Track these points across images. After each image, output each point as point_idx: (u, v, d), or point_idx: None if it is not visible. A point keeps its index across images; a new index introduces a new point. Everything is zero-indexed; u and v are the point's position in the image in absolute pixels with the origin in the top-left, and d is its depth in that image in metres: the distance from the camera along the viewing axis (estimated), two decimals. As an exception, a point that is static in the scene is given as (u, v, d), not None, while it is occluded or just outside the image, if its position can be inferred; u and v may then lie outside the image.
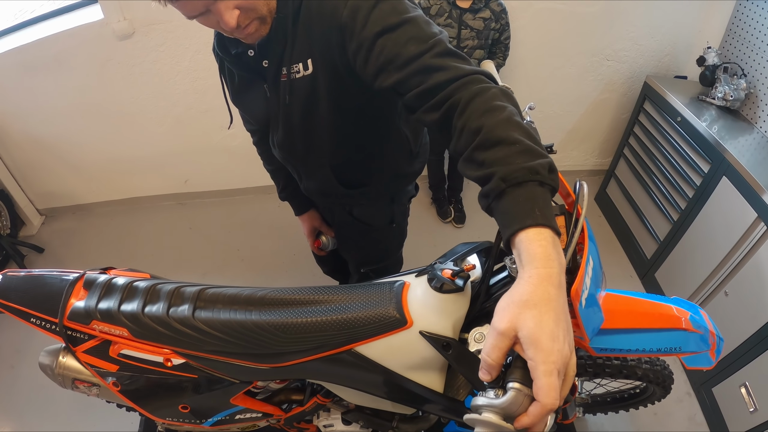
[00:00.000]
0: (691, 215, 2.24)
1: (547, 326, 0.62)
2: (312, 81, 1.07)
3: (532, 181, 0.71)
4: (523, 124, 0.77)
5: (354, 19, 0.89)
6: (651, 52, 2.82)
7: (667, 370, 1.45)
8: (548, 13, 2.59)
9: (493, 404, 0.64)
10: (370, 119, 1.21)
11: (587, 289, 0.85)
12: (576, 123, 3.14)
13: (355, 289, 1.01)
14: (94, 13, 2.41)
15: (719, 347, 1.17)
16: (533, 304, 0.64)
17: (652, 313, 1.12)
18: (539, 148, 0.75)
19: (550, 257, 0.66)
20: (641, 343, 1.09)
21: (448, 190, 3.11)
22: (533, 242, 0.68)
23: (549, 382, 0.60)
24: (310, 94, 1.09)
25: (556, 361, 0.61)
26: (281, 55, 1.06)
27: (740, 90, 2.28)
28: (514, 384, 0.64)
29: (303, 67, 1.05)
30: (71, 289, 1.11)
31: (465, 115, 0.79)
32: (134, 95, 2.66)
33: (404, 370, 0.97)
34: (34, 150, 2.84)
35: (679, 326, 1.10)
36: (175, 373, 1.09)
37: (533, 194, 0.71)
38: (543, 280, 0.65)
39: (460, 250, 1.07)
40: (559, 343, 0.62)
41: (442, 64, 0.84)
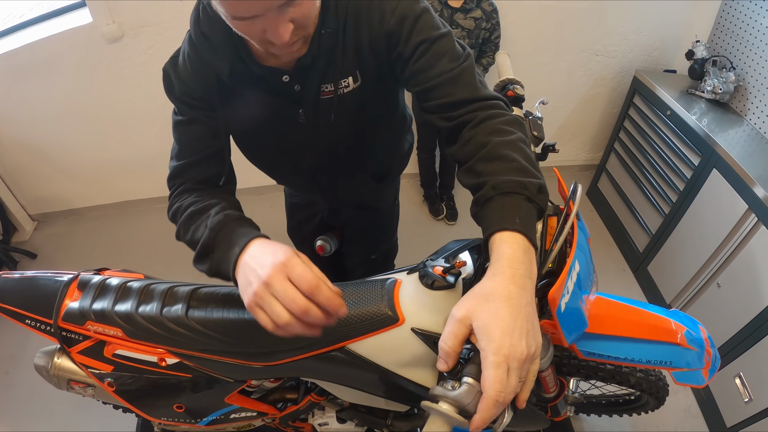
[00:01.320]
0: (682, 208, 2.26)
1: (502, 320, 0.64)
2: (361, 92, 1.07)
3: (520, 194, 0.76)
4: (526, 149, 0.83)
5: (401, 27, 0.93)
6: (640, 47, 2.84)
7: (662, 381, 1.44)
8: (538, 9, 2.61)
9: (448, 395, 0.66)
10: (395, 114, 1.26)
11: (568, 294, 0.85)
12: (567, 118, 3.16)
13: (346, 287, 1.01)
14: (83, 16, 2.40)
15: (714, 366, 1.16)
16: (492, 298, 0.67)
17: (647, 324, 1.11)
18: (534, 170, 0.80)
19: (517, 259, 0.70)
20: (630, 352, 1.09)
21: (439, 188, 3.12)
22: (504, 243, 0.72)
23: (495, 374, 0.62)
24: (360, 106, 1.10)
25: (507, 354, 0.62)
26: (324, 72, 1.01)
27: (729, 83, 2.29)
28: (468, 378, 0.66)
29: (353, 80, 1.05)
30: (65, 290, 1.11)
31: (476, 130, 0.87)
32: (124, 98, 2.65)
33: (397, 367, 0.97)
34: (25, 155, 2.82)
35: (673, 341, 1.10)
36: (169, 372, 1.09)
37: (518, 205, 0.76)
38: (506, 278, 0.68)
39: (451, 247, 1.07)
40: (512, 338, 0.64)
41: (470, 83, 0.92)
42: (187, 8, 2.28)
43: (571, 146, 3.37)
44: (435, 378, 0.99)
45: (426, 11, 0.95)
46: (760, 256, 1.82)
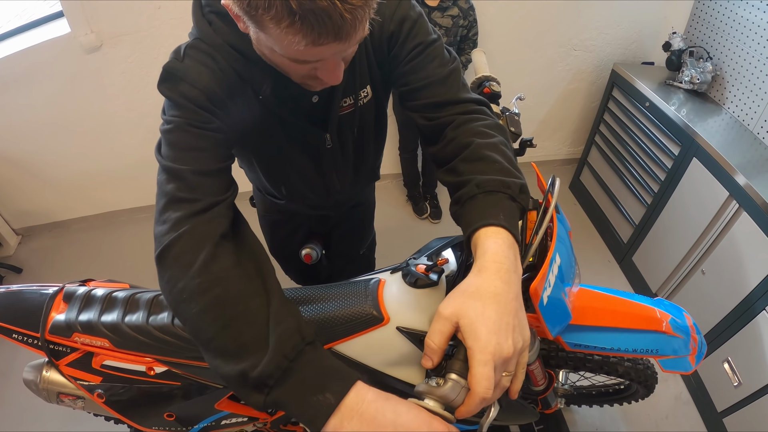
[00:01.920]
0: (664, 198, 2.29)
1: (488, 318, 0.65)
2: (374, 101, 1.09)
3: (503, 193, 0.78)
4: (508, 152, 0.86)
5: (401, 28, 0.94)
6: (617, 40, 2.87)
7: (650, 369, 1.45)
8: (514, 5, 2.63)
9: (433, 392, 0.67)
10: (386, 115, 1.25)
11: (550, 287, 0.86)
12: (547, 113, 3.18)
13: (330, 289, 1.01)
14: (61, 27, 2.38)
15: (701, 352, 1.18)
16: (478, 295, 0.67)
17: (631, 314, 1.12)
18: (516, 171, 0.83)
19: (502, 253, 0.71)
20: (616, 342, 1.10)
21: (422, 187, 3.13)
22: (489, 238, 0.73)
23: (482, 372, 0.63)
24: (375, 115, 1.12)
25: (493, 352, 0.64)
26: (344, 85, 0.99)
27: (706, 73, 2.32)
28: (452, 375, 0.67)
29: (371, 88, 1.06)
30: (51, 303, 1.11)
31: (459, 130, 0.89)
32: (105, 108, 2.64)
33: (384, 367, 0.98)
34: (7, 168, 2.79)
35: (658, 329, 1.12)
36: (158, 381, 1.09)
37: (502, 203, 0.78)
38: (491, 274, 0.69)
39: (434, 245, 1.08)
40: (498, 337, 0.65)
41: (455, 86, 0.95)
42: (163, 16, 2.30)
43: (553, 141, 3.39)
44: (422, 376, 1.00)
45: (421, 16, 0.96)
46: (742, 242, 1.85)
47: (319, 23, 0.63)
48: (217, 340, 0.71)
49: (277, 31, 0.66)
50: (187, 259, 0.75)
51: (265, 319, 0.72)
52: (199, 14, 0.88)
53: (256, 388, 0.68)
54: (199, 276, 0.73)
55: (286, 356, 0.69)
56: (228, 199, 0.84)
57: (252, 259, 0.81)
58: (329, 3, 0.62)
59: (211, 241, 0.76)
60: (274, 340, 0.70)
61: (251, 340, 0.70)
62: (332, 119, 1.04)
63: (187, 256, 0.75)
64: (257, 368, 0.67)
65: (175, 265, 0.76)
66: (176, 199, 0.80)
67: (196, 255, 0.75)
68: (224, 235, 0.79)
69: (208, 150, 0.83)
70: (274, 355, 0.68)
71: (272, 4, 0.62)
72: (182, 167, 0.80)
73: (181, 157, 0.81)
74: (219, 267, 0.75)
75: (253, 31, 0.72)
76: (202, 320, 0.72)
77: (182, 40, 0.93)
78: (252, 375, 0.67)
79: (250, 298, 0.74)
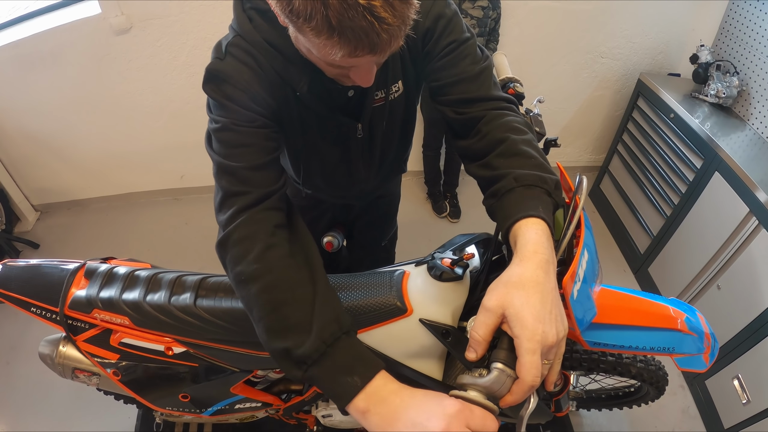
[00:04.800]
0: (683, 210, 2.27)
1: (533, 306, 0.67)
2: (404, 96, 1.12)
3: (541, 187, 0.81)
4: (539, 149, 0.89)
5: (436, 24, 0.96)
6: (645, 50, 2.85)
7: (661, 371, 1.46)
8: (544, 10, 2.61)
9: (477, 383, 0.67)
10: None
11: (580, 281, 0.87)
12: (570, 119, 3.16)
13: (355, 278, 1.02)
14: (92, 7, 2.39)
15: (714, 351, 1.18)
16: (521, 285, 0.69)
17: (648, 312, 1.13)
18: (550, 167, 0.86)
19: (542, 244, 0.73)
20: (634, 340, 1.11)
21: (443, 186, 3.13)
22: (530, 229, 0.75)
23: (531, 360, 0.65)
24: (405, 109, 1.16)
25: (540, 340, 0.65)
26: (378, 79, 0.99)
27: (732, 87, 2.30)
28: (497, 364, 0.68)
29: (402, 83, 1.09)
30: (72, 279, 1.12)
31: (492, 125, 0.91)
32: (131, 90, 2.65)
33: (404, 358, 0.99)
34: (29, 145, 2.82)
35: (674, 327, 1.12)
36: (175, 361, 1.10)
37: (540, 197, 0.80)
38: (533, 264, 0.71)
39: (458, 241, 1.09)
40: (543, 324, 0.67)
41: (487, 83, 0.98)
42: (195, 2, 2.30)
43: (575, 147, 3.37)
44: (441, 369, 1.01)
45: (456, 14, 0.98)
46: (760, 259, 1.83)
47: (356, 39, 0.67)
48: (267, 319, 0.79)
49: (315, 40, 0.69)
50: (245, 246, 0.83)
51: (311, 307, 0.79)
52: (240, 10, 0.91)
53: (297, 365, 0.76)
54: (255, 263, 0.81)
55: (324, 341, 0.75)
56: (280, 189, 0.90)
57: (302, 250, 0.88)
58: (367, 23, 0.64)
59: (266, 232, 0.84)
60: (317, 326, 0.77)
61: (296, 323, 0.78)
62: (366, 111, 1.07)
63: (245, 243, 0.83)
64: (300, 348, 0.75)
65: (234, 251, 0.84)
66: (231, 193, 0.87)
67: (253, 244, 0.82)
68: (278, 226, 0.86)
69: (256, 145, 0.89)
70: (315, 339, 0.75)
71: (313, 16, 0.65)
72: (232, 164, 0.87)
73: (230, 153, 0.88)
74: (273, 256, 0.82)
75: (292, 31, 0.76)
76: (256, 301, 0.80)
77: (211, 27, 0.95)
78: (295, 353, 0.75)
79: (298, 286, 0.81)
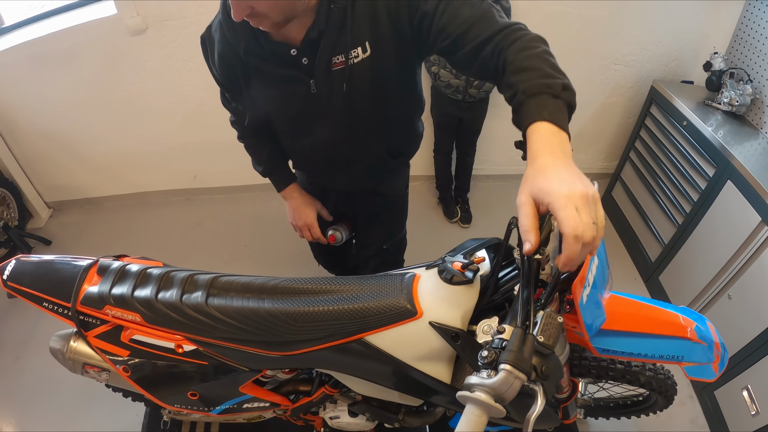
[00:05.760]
0: (695, 219, 2.25)
1: (552, 174, 0.74)
2: (371, 62, 1.14)
3: (546, 93, 0.84)
4: (550, 59, 0.93)
5: None
6: (658, 57, 2.83)
7: (670, 380, 1.45)
8: (557, 16, 2.60)
9: (485, 384, 0.67)
10: (406, 88, 1.31)
11: (589, 287, 0.87)
12: (583, 126, 3.15)
13: (366, 280, 1.02)
14: (108, 8, 2.43)
15: (723, 360, 1.18)
16: (538, 172, 0.75)
17: (658, 319, 1.13)
18: (558, 73, 0.89)
19: (545, 139, 0.79)
20: (644, 347, 1.10)
21: (455, 190, 3.12)
22: (534, 133, 0.81)
23: (564, 215, 0.68)
24: (372, 76, 1.16)
25: (568, 194, 0.70)
26: (334, 44, 1.10)
27: (746, 95, 2.29)
28: (506, 365, 0.68)
29: (362, 50, 1.12)
30: (85, 275, 1.13)
31: (507, 52, 0.95)
32: (145, 90, 2.68)
33: (413, 361, 0.99)
34: (44, 143, 2.85)
35: (683, 335, 1.12)
36: (186, 359, 1.11)
37: (545, 102, 0.84)
38: (542, 154, 0.77)
39: (469, 245, 1.09)
40: (568, 183, 0.72)
41: (492, 19, 1.02)
42: (210, 4, 2.32)
43: (587, 154, 3.36)
44: (450, 372, 1.01)
45: None
46: (772, 269, 1.81)
47: None
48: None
49: None
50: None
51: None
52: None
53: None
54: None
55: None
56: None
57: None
58: None
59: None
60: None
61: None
62: (318, 69, 1.13)
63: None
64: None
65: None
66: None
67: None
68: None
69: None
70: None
71: None
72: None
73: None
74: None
75: None
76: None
77: None
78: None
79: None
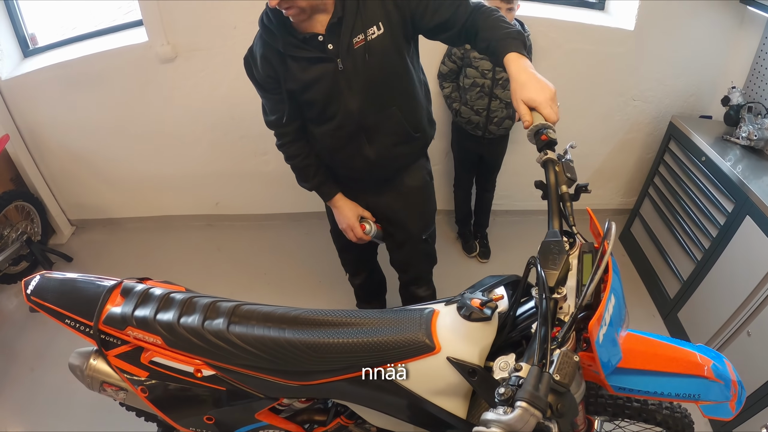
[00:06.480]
0: (714, 255, 2.23)
1: (533, 88, 1.14)
2: (384, 39, 1.41)
3: (508, 38, 1.26)
4: (502, 20, 1.35)
5: None
6: (676, 93, 2.84)
7: (687, 418, 1.41)
8: (577, 53, 2.64)
9: (501, 420, 0.68)
10: (411, 68, 1.55)
11: (606, 325, 0.88)
12: (602, 162, 3.15)
13: (386, 314, 1.04)
14: (139, 35, 2.51)
15: (740, 398, 1.16)
16: (523, 85, 1.15)
17: (674, 358, 1.12)
18: (511, 26, 1.30)
19: (519, 62, 1.21)
20: (660, 386, 1.10)
21: (474, 226, 3.12)
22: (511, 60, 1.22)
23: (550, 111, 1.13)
24: (386, 49, 1.44)
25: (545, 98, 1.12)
26: (352, 28, 1.38)
27: (764, 129, 2.27)
28: (522, 403, 0.69)
29: (377, 28, 1.40)
30: (108, 295, 1.16)
31: (477, 23, 1.35)
32: (172, 117, 2.74)
33: (429, 395, 0.99)
34: (70, 162, 2.93)
35: (700, 374, 1.11)
36: (204, 384, 1.12)
37: (510, 42, 1.25)
38: (520, 72, 1.18)
39: (488, 282, 1.11)
40: (544, 91, 1.13)
41: (465, 3, 1.40)
42: (237, 37, 2.42)
43: (606, 190, 3.34)
44: (466, 407, 1.01)
45: None
46: (790, 305, 1.79)
47: None
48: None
49: None
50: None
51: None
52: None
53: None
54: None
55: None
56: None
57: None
58: None
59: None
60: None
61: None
62: (342, 50, 1.39)
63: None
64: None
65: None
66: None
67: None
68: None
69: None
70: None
71: None
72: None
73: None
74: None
75: None
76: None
77: None
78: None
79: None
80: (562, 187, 1.05)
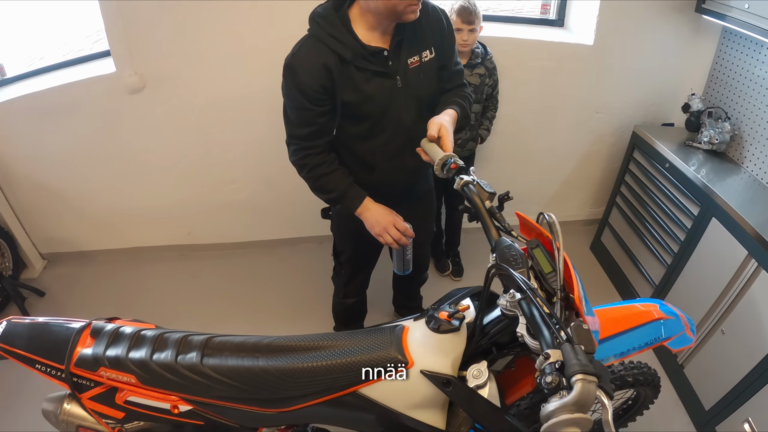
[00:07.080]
0: (684, 258, 2.28)
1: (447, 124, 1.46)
2: (433, 62, 1.59)
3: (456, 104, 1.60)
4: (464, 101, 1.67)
5: (450, 22, 1.61)
6: (638, 103, 2.92)
7: (651, 369, 1.54)
8: (539, 71, 2.71)
9: (566, 402, 0.69)
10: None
11: (584, 300, 0.94)
12: (570, 174, 3.20)
13: (357, 335, 1.05)
14: (107, 65, 2.50)
15: (692, 326, 1.36)
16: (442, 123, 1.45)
17: (626, 315, 1.24)
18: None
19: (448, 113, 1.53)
20: (629, 343, 1.20)
21: (445, 245, 3.12)
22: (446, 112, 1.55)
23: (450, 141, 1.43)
24: (433, 70, 1.62)
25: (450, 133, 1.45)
26: (409, 49, 1.53)
27: (725, 132, 2.34)
28: (578, 375, 0.70)
29: (429, 52, 1.57)
30: (78, 337, 1.14)
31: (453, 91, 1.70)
32: (142, 147, 2.72)
33: (407, 409, 1.00)
34: (40, 194, 2.87)
35: (652, 318, 1.23)
36: (182, 419, 1.11)
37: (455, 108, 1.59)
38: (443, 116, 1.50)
39: (454, 294, 1.13)
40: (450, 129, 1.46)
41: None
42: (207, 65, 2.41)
43: (575, 201, 3.40)
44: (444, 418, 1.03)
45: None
46: (762, 301, 1.83)
47: None
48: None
49: None
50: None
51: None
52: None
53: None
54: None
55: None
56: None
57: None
58: None
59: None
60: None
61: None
62: (401, 68, 1.53)
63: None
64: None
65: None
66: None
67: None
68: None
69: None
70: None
71: None
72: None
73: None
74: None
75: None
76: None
77: (221, 89, 1.11)
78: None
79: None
80: (486, 203, 1.17)
